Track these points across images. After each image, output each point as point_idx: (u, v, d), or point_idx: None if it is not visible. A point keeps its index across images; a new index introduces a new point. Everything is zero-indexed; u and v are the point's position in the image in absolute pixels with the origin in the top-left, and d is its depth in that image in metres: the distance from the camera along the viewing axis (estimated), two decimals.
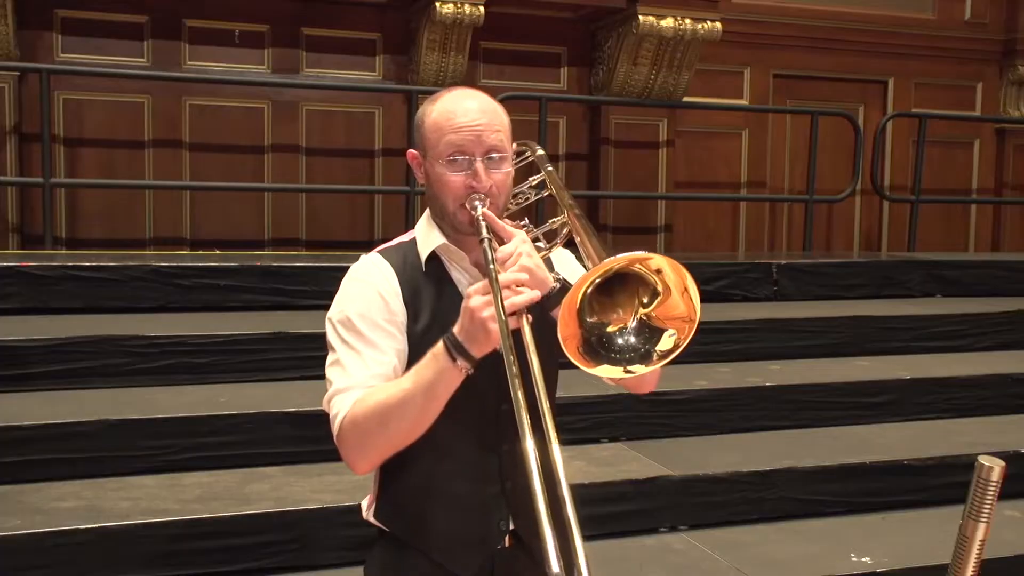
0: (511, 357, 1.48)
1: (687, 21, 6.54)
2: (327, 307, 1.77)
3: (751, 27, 7.36)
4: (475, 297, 1.56)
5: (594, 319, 1.53)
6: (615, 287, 1.54)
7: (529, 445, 1.40)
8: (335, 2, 6.49)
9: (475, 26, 6.20)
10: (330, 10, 6.49)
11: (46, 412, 3.49)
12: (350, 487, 3.30)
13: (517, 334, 1.54)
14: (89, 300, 4.38)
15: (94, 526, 2.95)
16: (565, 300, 1.47)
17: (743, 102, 7.56)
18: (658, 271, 1.50)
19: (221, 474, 3.45)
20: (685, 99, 7.03)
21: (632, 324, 1.54)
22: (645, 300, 1.54)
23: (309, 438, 3.57)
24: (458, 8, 6.06)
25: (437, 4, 6.01)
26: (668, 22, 6.50)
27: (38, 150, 5.64)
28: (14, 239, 5.88)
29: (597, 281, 1.50)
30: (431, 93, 6.81)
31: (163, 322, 4.23)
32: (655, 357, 1.53)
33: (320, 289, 4.62)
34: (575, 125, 7.03)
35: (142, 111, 6.18)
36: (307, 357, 4.05)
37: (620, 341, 1.54)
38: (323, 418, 3.85)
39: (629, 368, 1.52)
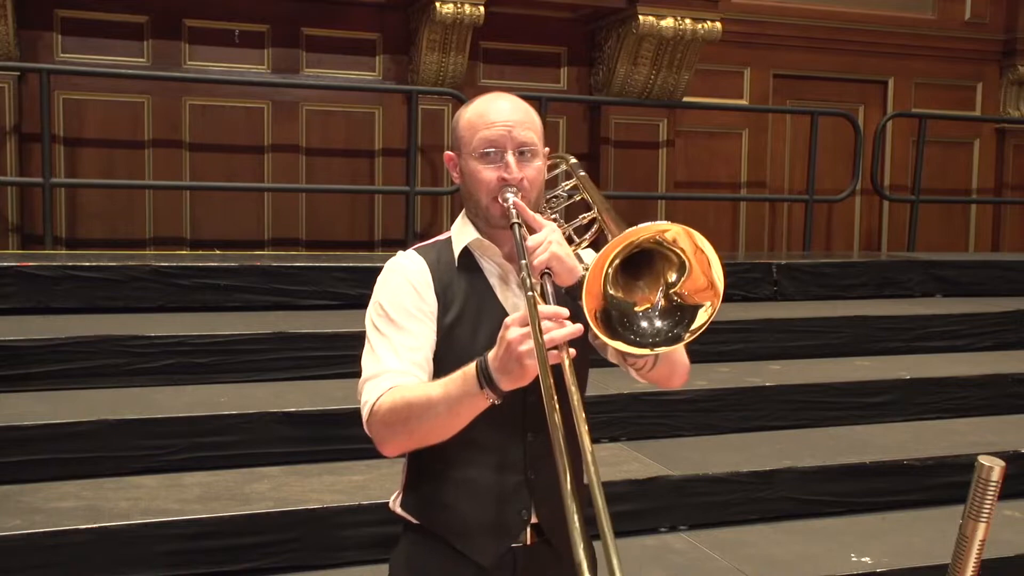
0: (551, 393, 1.44)
1: (687, 21, 6.54)
2: (327, 307, 1.79)
3: (751, 27, 7.36)
4: (513, 328, 1.51)
5: (619, 295, 1.52)
6: (641, 269, 1.54)
7: (567, 487, 1.41)
8: (335, 2, 6.48)
9: (475, 26, 6.20)
10: (330, 10, 6.49)
11: (46, 412, 3.49)
12: (349, 487, 3.31)
13: (555, 369, 1.49)
14: (89, 300, 4.38)
15: (94, 526, 2.95)
16: (590, 270, 1.48)
17: (743, 102, 7.55)
18: (674, 241, 1.50)
19: (221, 474, 3.45)
20: (685, 99, 7.03)
21: (659, 303, 1.54)
22: (672, 279, 1.54)
23: (309, 438, 3.57)
24: (458, 8, 6.06)
25: (437, 4, 6.01)
26: (668, 22, 6.50)
27: (38, 150, 5.63)
28: (14, 239, 5.88)
29: (617, 262, 1.49)
30: (431, 93, 6.79)
31: (163, 322, 4.22)
32: (685, 335, 1.53)
33: (320, 289, 4.58)
34: (575, 125, 7.02)
35: (142, 111, 6.18)
36: (307, 357, 4.07)
37: (644, 324, 1.54)
38: (323, 418, 3.85)
39: (657, 349, 1.53)
